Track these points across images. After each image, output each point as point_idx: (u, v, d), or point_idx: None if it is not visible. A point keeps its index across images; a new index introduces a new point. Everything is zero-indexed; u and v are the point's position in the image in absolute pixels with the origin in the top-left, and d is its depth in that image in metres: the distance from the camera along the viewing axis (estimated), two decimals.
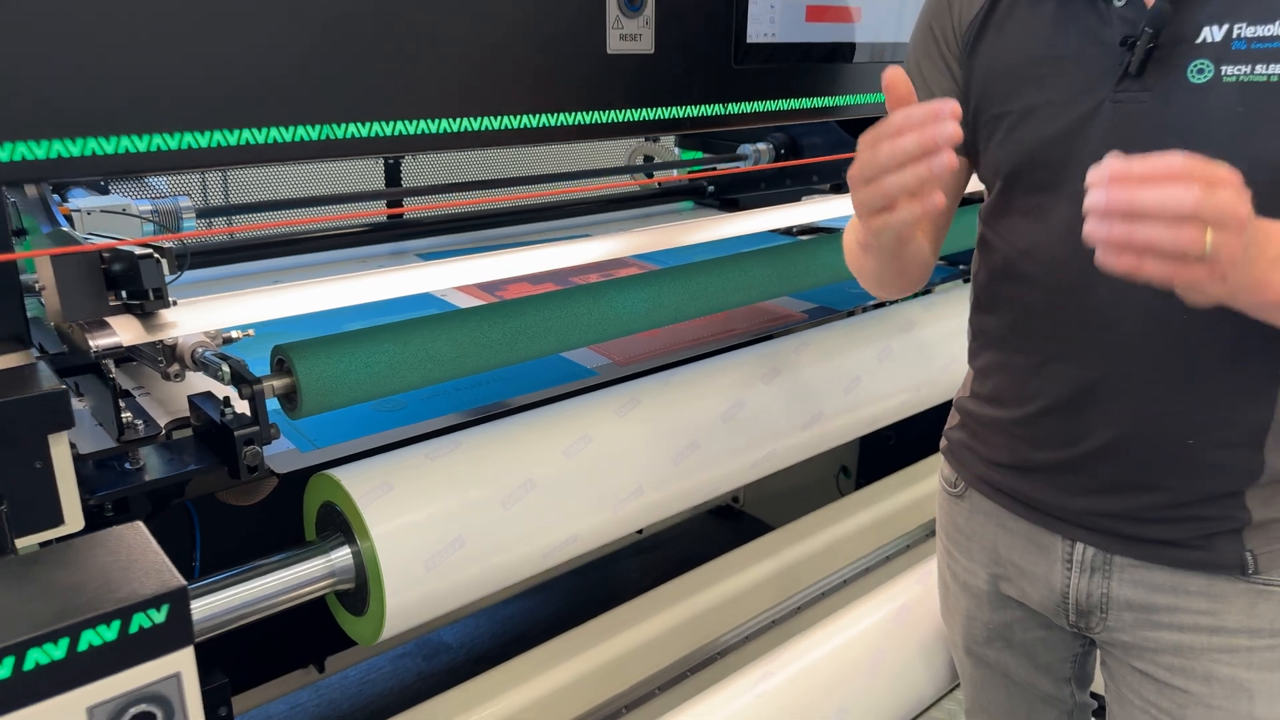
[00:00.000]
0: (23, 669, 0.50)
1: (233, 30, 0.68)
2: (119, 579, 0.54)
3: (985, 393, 1.07)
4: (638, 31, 0.92)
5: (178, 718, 0.55)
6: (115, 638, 0.52)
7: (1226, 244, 0.66)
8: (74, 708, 0.52)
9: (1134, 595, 1.00)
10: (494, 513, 1.05)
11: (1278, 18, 0.81)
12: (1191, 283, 0.69)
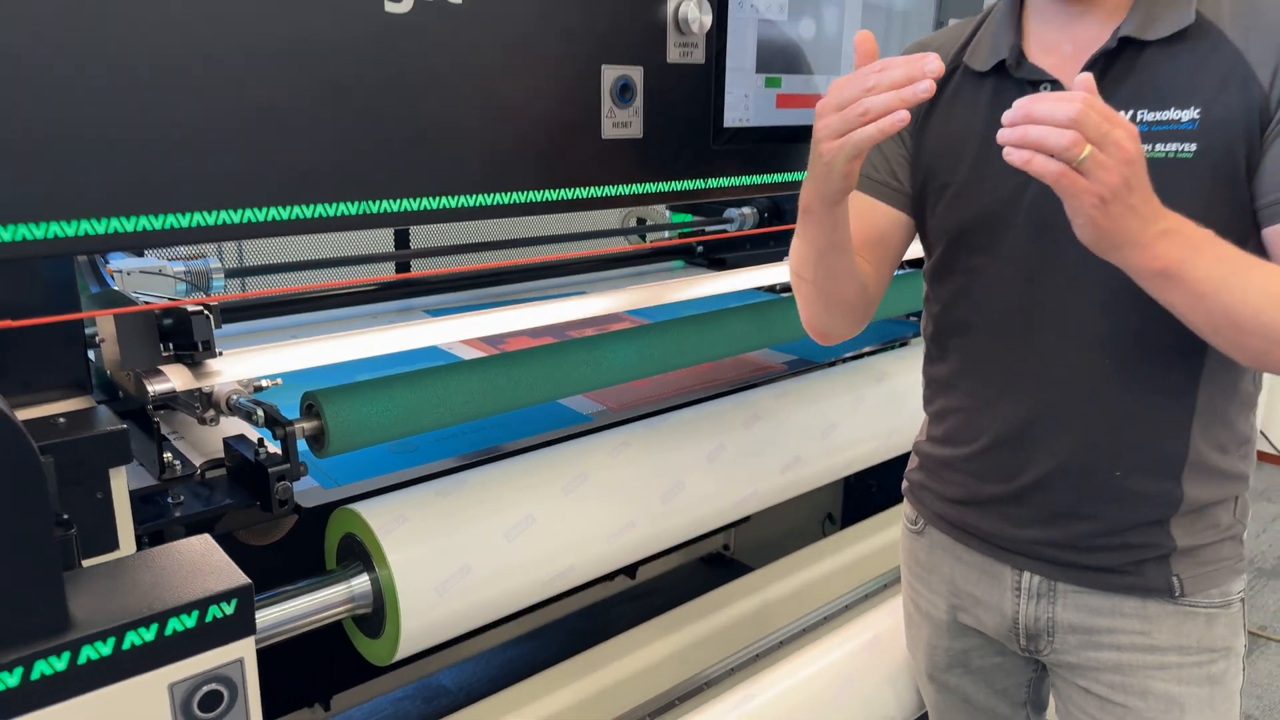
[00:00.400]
0: (121, 648, 0.61)
1: (271, 126, 0.81)
2: (195, 578, 0.65)
3: (939, 435, 1.19)
4: (629, 119, 1.06)
5: (240, 697, 0.66)
6: (194, 625, 0.63)
7: (1103, 164, 0.79)
8: (159, 684, 0.62)
9: (1076, 619, 1.11)
10: (498, 543, 1.16)
11: (1170, 105, 0.95)
12: (1073, 190, 0.80)
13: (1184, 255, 0.85)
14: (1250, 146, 0.93)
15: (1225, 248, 0.87)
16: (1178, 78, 0.95)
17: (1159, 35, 0.95)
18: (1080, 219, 0.84)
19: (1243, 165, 0.93)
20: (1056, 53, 1.01)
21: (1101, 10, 0.98)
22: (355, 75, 0.84)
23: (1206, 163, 0.94)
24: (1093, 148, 0.79)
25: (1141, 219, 0.84)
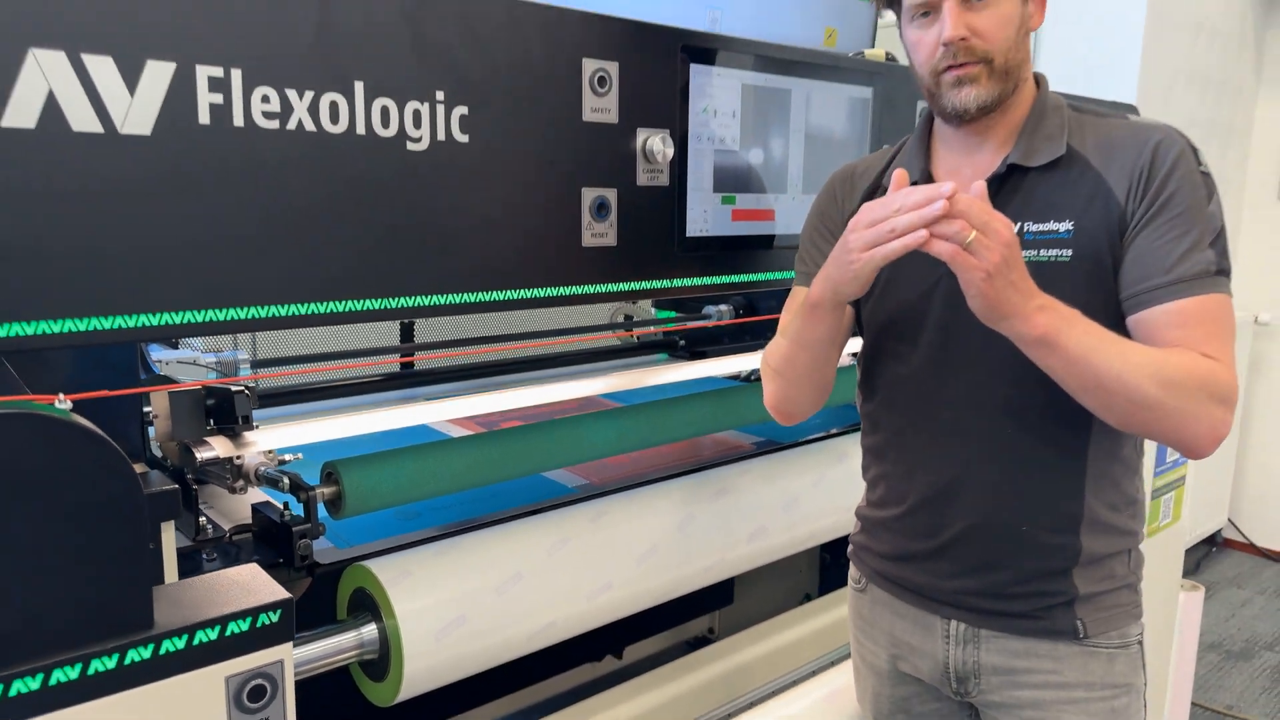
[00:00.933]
0: (191, 644, 0.77)
1: (311, 241, 1.01)
2: (247, 594, 0.82)
3: (874, 499, 1.36)
4: (605, 231, 1.27)
5: (280, 691, 0.81)
6: (247, 629, 0.80)
7: (986, 245, 0.98)
8: (218, 675, 0.78)
9: (998, 661, 1.26)
10: (490, 598, 1.31)
11: (1050, 219, 1.16)
12: (964, 266, 0.99)
13: (1059, 326, 1.04)
14: (1113, 251, 1.13)
15: (1092, 324, 1.07)
16: (1054, 196, 1.17)
17: (1038, 163, 1.17)
18: (972, 291, 1.03)
19: (1109, 266, 1.14)
20: (958, 175, 1.22)
21: (993, 142, 1.20)
22: (383, 199, 1.04)
23: (1080, 264, 1.14)
24: (977, 233, 0.99)
25: (1021, 294, 1.03)
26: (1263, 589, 3.84)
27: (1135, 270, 1.12)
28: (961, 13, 1.12)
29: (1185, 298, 1.09)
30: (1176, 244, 1.10)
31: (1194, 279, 1.09)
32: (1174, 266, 1.10)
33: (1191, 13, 3.47)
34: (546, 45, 1.16)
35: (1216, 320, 1.11)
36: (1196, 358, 1.08)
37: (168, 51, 0.90)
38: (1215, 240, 1.12)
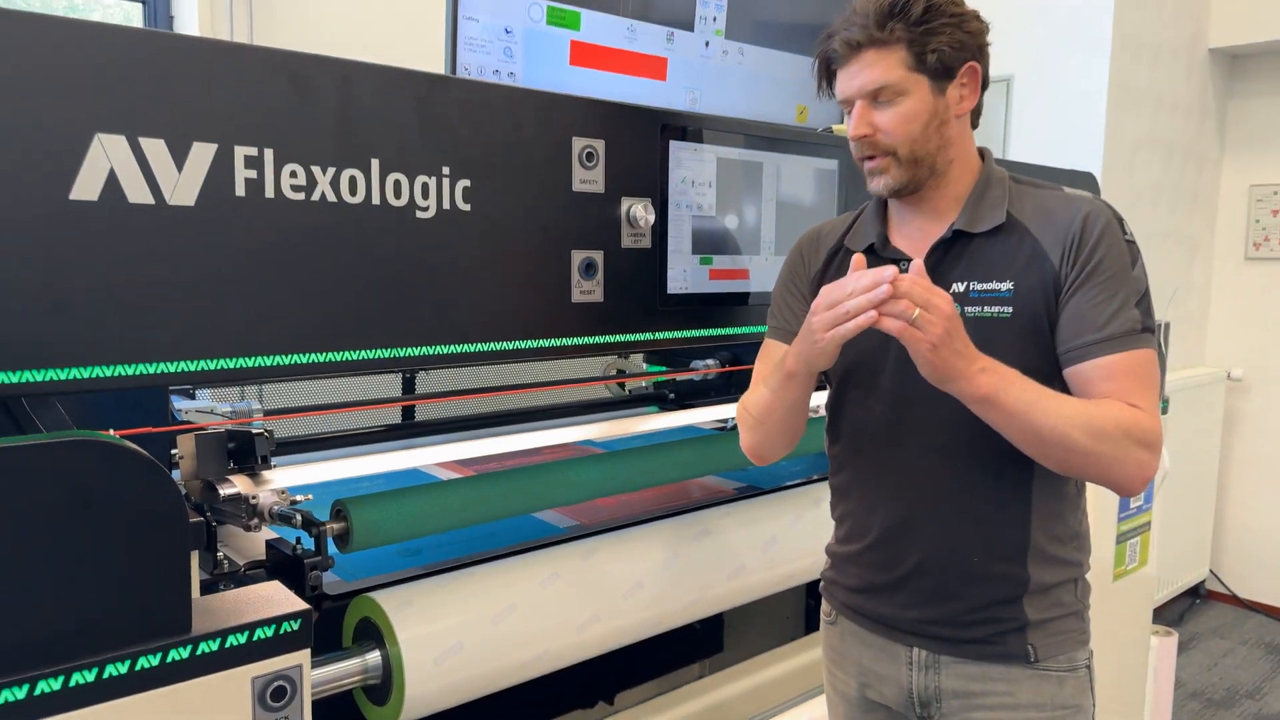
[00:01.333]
0: (224, 646, 0.88)
1: (325, 298, 1.14)
2: (272, 605, 0.93)
3: (841, 536, 1.47)
4: (593, 288, 1.40)
5: (298, 691, 0.92)
6: (272, 635, 0.91)
7: (930, 320, 1.11)
8: (246, 676, 0.89)
9: (957, 685, 1.36)
10: (486, 627, 1.41)
11: (992, 279, 1.29)
12: (911, 339, 1.12)
13: (999, 386, 1.17)
14: (1048, 309, 1.26)
15: (1029, 382, 1.19)
16: (996, 259, 1.30)
17: (981, 229, 1.30)
18: (920, 360, 1.16)
19: (1045, 322, 1.26)
20: (910, 239, 1.36)
21: (941, 211, 1.34)
22: (394, 261, 1.18)
23: (1020, 320, 1.27)
24: (920, 310, 1.12)
25: (964, 359, 1.16)
26: (1245, 639, 3.91)
27: (1070, 328, 1.24)
28: (867, 111, 1.26)
29: (1115, 353, 1.22)
30: (1106, 305, 1.23)
31: (1122, 336, 1.22)
32: (1104, 325, 1.22)
33: (1151, 86, 3.68)
34: (540, 126, 1.31)
35: (1142, 372, 1.24)
36: (1122, 408, 1.20)
37: (211, 134, 1.04)
38: (1140, 301, 1.25)
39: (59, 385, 0.96)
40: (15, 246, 0.93)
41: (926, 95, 1.26)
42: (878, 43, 1.24)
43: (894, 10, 1.23)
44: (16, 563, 0.79)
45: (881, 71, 1.24)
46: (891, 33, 1.23)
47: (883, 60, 1.24)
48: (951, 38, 1.25)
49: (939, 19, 1.25)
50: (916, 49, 1.24)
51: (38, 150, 0.94)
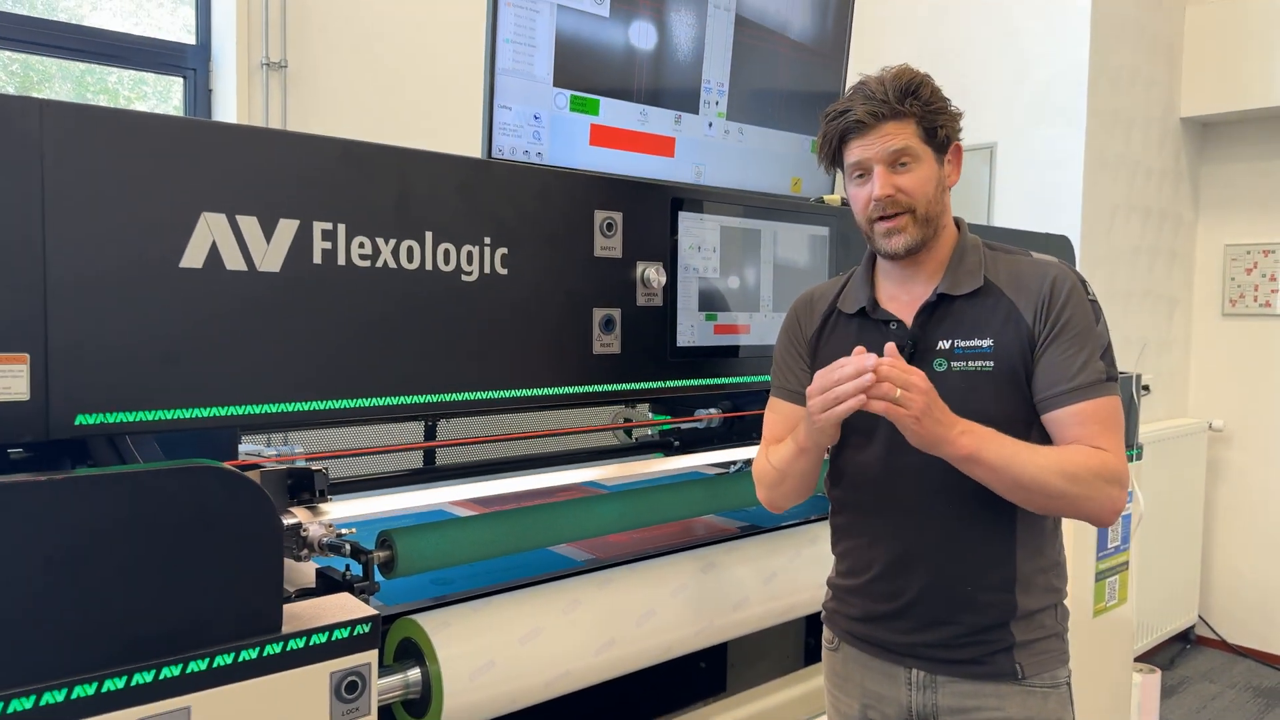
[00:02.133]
0: (309, 644, 1.04)
1: (380, 347, 1.32)
2: (346, 610, 1.09)
3: (843, 569, 1.61)
4: (611, 341, 1.58)
5: (368, 686, 1.08)
6: (347, 636, 1.07)
7: (910, 398, 1.28)
8: (325, 670, 1.05)
9: (953, 702, 1.49)
10: (515, 648, 1.56)
11: (974, 337, 1.45)
12: (895, 416, 1.29)
13: (979, 445, 1.34)
14: (1025, 362, 1.42)
15: (1005, 438, 1.35)
16: (977, 318, 1.46)
17: (962, 292, 1.47)
18: (907, 431, 1.32)
19: (1022, 374, 1.43)
20: (898, 301, 1.53)
21: (923, 274, 1.50)
22: (443, 317, 1.36)
23: (1000, 373, 1.43)
24: (901, 390, 1.30)
25: (944, 425, 1.32)
26: (1233, 684, 4.01)
27: (1044, 379, 1.41)
28: (888, 175, 1.45)
29: (1084, 400, 1.39)
30: (1075, 358, 1.40)
31: (1090, 385, 1.39)
32: (1075, 376, 1.39)
33: (1126, 153, 3.91)
34: (567, 201, 1.51)
35: (1108, 416, 1.41)
36: (1091, 452, 1.37)
37: (293, 212, 1.23)
38: (1104, 354, 1.43)
39: (164, 424, 1.13)
40: (134, 306, 1.11)
41: (933, 163, 1.44)
42: (898, 115, 1.42)
43: (910, 90, 1.43)
44: (145, 568, 0.96)
45: (903, 138, 1.42)
46: (909, 107, 1.42)
47: (902, 130, 1.42)
48: (948, 119, 1.46)
49: (939, 102, 1.45)
50: (926, 124, 1.43)
51: (155, 226, 1.13)
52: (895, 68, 1.47)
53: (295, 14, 3.26)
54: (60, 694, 0.89)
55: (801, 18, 2.08)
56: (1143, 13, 3.91)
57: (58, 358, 1.05)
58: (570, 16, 1.69)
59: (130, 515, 0.94)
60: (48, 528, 0.89)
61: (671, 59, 1.86)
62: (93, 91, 3.30)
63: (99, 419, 1.08)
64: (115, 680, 0.92)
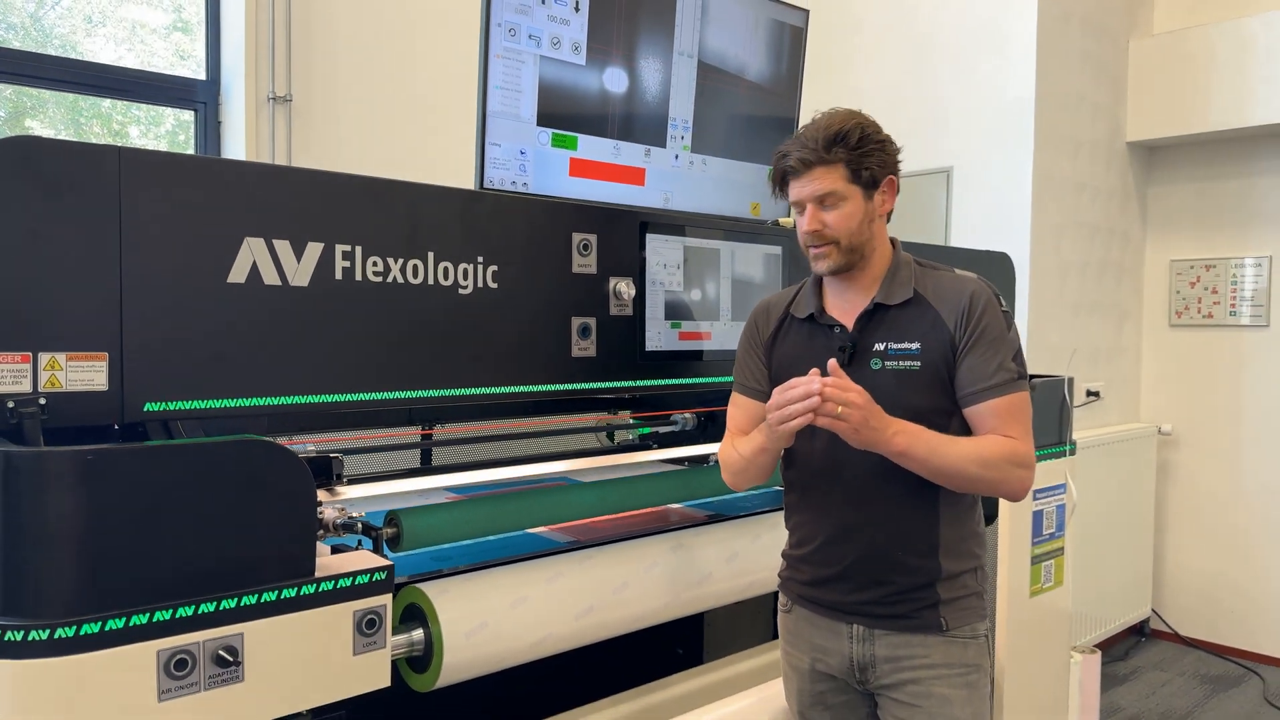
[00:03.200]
0: (336, 586, 1.28)
1: (388, 349, 1.57)
2: (366, 560, 1.33)
3: (794, 541, 1.86)
4: (587, 346, 1.84)
5: (383, 623, 1.32)
6: (367, 581, 1.31)
7: (850, 413, 1.53)
8: (350, 609, 1.29)
9: (887, 652, 1.73)
10: (504, 612, 1.80)
11: (904, 340, 1.70)
12: (839, 429, 1.55)
13: (910, 443, 1.59)
14: (946, 363, 1.67)
15: (933, 435, 1.60)
16: (907, 324, 1.71)
17: (895, 302, 1.72)
18: (849, 439, 1.58)
19: (945, 372, 1.67)
20: (841, 309, 1.77)
21: (862, 287, 1.74)
22: (443, 325, 1.61)
23: (926, 371, 1.68)
24: (842, 406, 1.55)
25: (880, 431, 1.57)
26: (1183, 672, 4.27)
27: (965, 378, 1.66)
28: (817, 212, 1.69)
29: (998, 397, 1.65)
30: (990, 361, 1.65)
31: (1003, 384, 1.65)
32: (990, 376, 1.64)
33: (1072, 175, 4.20)
34: (549, 225, 1.77)
35: (1018, 410, 1.66)
36: (1002, 441, 1.63)
37: (319, 237, 1.48)
38: (1015, 356, 1.68)
39: (213, 411, 1.38)
40: (190, 314, 1.36)
41: (860, 201, 1.68)
42: (825, 161, 1.66)
43: (837, 138, 1.65)
44: (208, 519, 1.20)
45: (828, 183, 1.66)
46: (835, 154, 1.65)
47: (829, 174, 1.66)
48: (878, 159, 1.68)
49: (869, 145, 1.67)
50: (853, 166, 1.66)
51: (207, 249, 1.37)
52: (830, 115, 1.70)
53: (300, 51, 3.53)
54: (144, 616, 1.13)
55: (758, 61, 2.35)
56: (1088, 45, 4.21)
57: (131, 356, 1.30)
58: (551, 65, 1.95)
59: (197, 477, 1.18)
60: (140, 485, 1.13)
61: (641, 100, 2.13)
62: (86, 117, 3.55)
63: (162, 406, 1.33)
64: (186, 608, 1.16)
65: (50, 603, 1.08)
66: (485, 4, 1.84)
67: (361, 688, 1.31)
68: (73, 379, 1.24)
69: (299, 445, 2.19)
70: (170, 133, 3.72)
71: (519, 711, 2.11)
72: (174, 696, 1.14)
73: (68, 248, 1.24)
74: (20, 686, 1.07)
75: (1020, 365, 1.69)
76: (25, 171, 1.20)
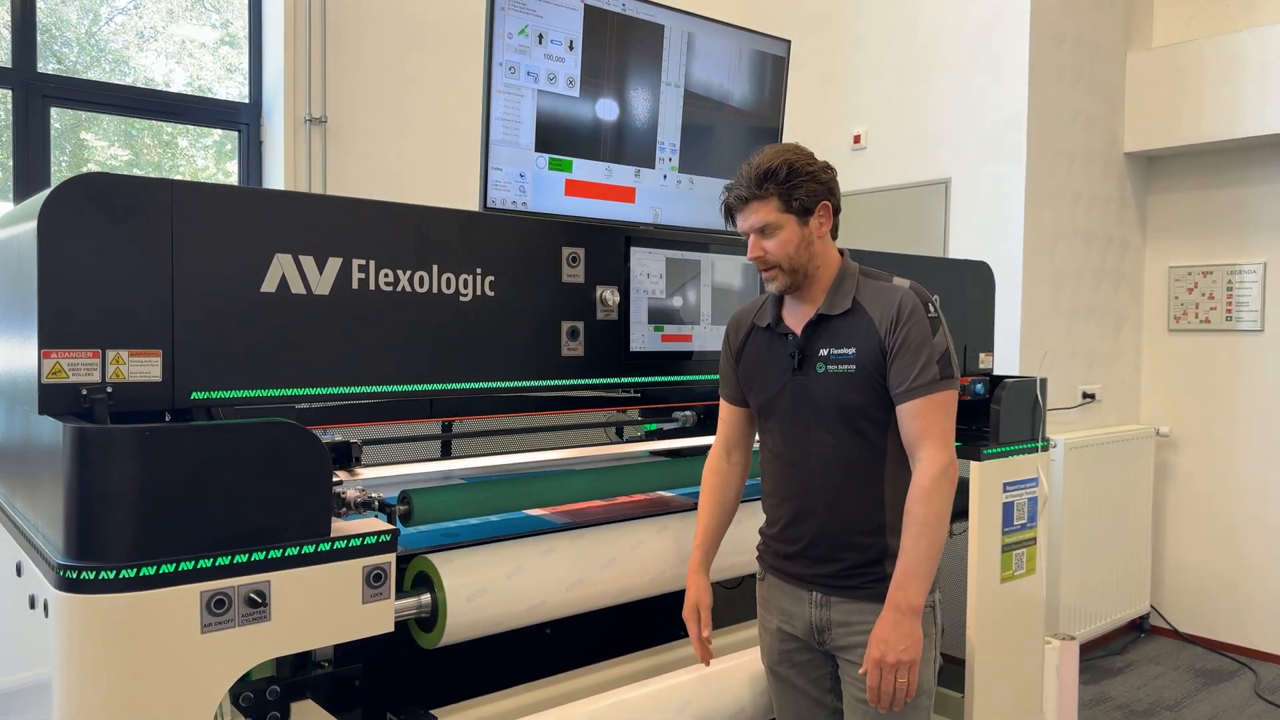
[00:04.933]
0: (349, 545, 1.54)
1: (397, 349, 1.82)
2: (373, 525, 1.58)
3: (766, 520, 2.10)
4: (576, 347, 2.08)
5: (388, 579, 1.57)
6: (374, 542, 1.56)
7: (905, 681, 1.81)
8: (358, 565, 1.54)
9: (841, 617, 1.96)
10: (503, 580, 2.04)
11: (843, 346, 1.92)
12: (905, 680, 1.83)
13: (914, 597, 1.84)
14: (878, 366, 1.89)
15: (904, 563, 1.85)
16: (845, 332, 1.94)
17: (835, 312, 1.95)
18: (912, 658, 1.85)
19: (878, 375, 1.89)
20: (794, 318, 2.01)
21: (811, 299, 1.98)
22: (446, 327, 1.87)
23: (860, 374, 1.90)
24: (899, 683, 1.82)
25: (907, 632, 1.84)
26: (1178, 666, 4.40)
27: (893, 379, 1.88)
28: (758, 240, 1.92)
29: (921, 396, 1.86)
30: (914, 364, 1.86)
31: (926, 385, 1.86)
32: (914, 378, 1.86)
33: (1068, 185, 4.37)
34: (541, 240, 2.01)
35: (939, 407, 1.88)
36: (917, 491, 1.85)
37: (339, 252, 1.73)
38: (941, 358, 1.89)
39: (248, 400, 1.64)
40: (229, 318, 1.62)
41: (795, 228, 1.91)
42: (758, 196, 1.89)
43: (767, 175, 1.89)
44: (239, 487, 1.46)
45: (762, 215, 1.90)
46: (766, 190, 1.89)
47: (763, 208, 1.90)
48: (808, 188, 1.91)
49: (798, 177, 1.89)
50: (785, 198, 1.89)
51: (243, 263, 1.64)
52: (763, 153, 1.92)
53: (334, 76, 3.82)
54: (190, 563, 1.39)
55: (741, 88, 2.58)
56: (1081, 61, 4.37)
57: (180, 353, 1.56)
58: (548, 98, 2.20)
59: (233, 452, 1.44)
60: (186, 458, 1.39)
61: (631, 126, 2.37)
62: (137, 129, 3.87)
63: (205, 395, 1.59)
64: (224, 558, 1.41)
65: (114, 550, 1.34)
66: (488, 46, 2.09)
67: (368, 631, 1.56)
68: (133, 371, 1.51)
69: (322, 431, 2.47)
70: (217, 143, 4.03)
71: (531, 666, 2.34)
72: (213, 630, 1.40)
73: (129, 264, 1.50)
74: (90, 617, 1.33)
75: (945, 366, 1.89)
76: (95, 203, 1.47)
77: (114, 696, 1.34)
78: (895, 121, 4.48)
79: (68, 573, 1.31)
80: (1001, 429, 2.76)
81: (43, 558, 1.40)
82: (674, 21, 2.39)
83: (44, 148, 3.42)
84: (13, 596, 1.59)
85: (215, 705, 1.42)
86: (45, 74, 3.47)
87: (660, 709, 2.12)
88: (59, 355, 1.44)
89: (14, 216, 1.66)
